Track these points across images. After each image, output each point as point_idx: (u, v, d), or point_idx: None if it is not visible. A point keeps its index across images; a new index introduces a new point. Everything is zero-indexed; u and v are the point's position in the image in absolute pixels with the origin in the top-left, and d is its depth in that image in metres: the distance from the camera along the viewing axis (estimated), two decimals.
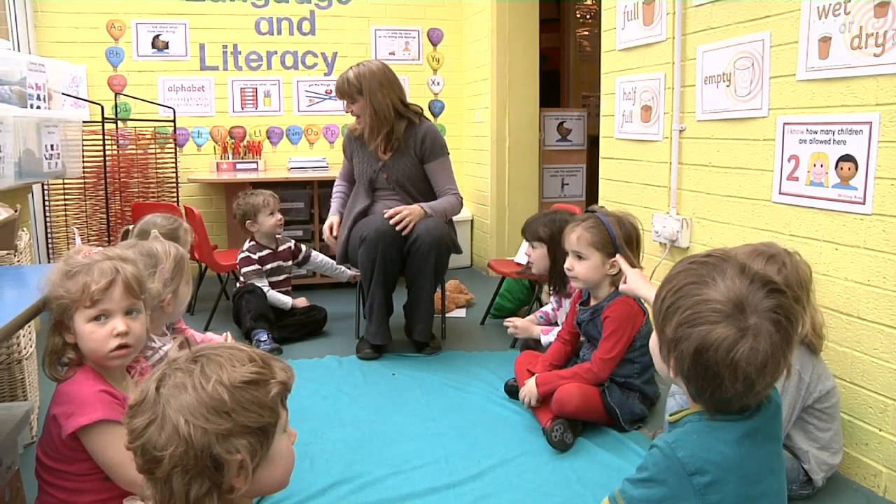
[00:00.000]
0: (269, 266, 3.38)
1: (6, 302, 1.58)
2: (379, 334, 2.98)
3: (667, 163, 2.75)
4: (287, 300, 3.35)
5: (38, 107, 3.04)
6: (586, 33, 6.12)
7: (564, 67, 6.23)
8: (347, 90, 3.01)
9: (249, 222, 3.37)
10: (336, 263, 3.50)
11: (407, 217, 2.89)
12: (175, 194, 4.36)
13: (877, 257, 1.89)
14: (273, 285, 3.36)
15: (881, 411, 1.90)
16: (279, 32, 4.71)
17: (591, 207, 2.42)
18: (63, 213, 3.88)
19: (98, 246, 2.00)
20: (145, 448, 0.93)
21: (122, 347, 1.42)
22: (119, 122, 4.23)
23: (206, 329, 3.25)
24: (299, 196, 4.25)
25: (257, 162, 4.61)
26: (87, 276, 1.40)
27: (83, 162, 3.54)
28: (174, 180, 4.38)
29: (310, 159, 4.59)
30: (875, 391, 1.92)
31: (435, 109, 5.04)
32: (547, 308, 2.88)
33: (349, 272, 3.64)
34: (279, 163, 4.76)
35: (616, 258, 2.18)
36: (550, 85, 5.70)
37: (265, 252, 3.38)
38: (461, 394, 2.61)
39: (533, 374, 2.36)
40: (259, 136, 4.75)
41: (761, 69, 2.23)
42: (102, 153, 3.75)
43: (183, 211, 3.64)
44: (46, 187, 3.84)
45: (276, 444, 1.00)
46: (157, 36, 4.52)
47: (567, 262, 2.32)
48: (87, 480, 1.42)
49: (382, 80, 2.99)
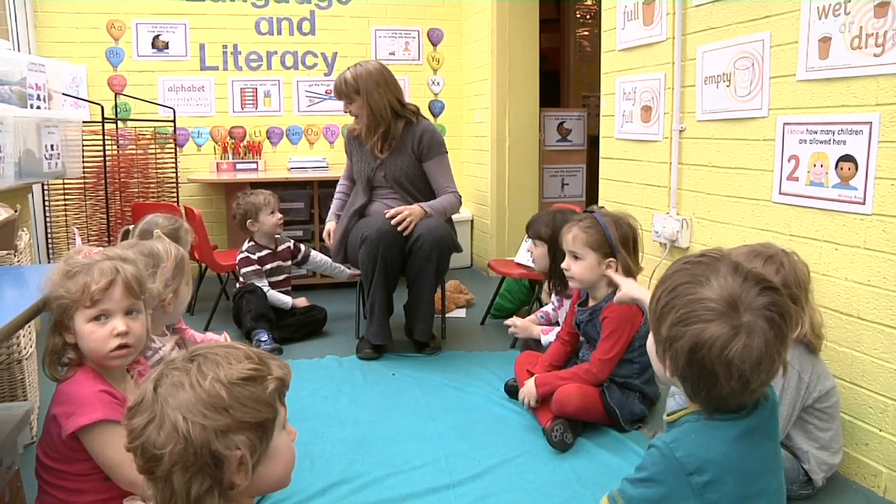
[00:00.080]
0: (269, 266, 3.39)
1: (6, 302, 1.58)
2: (379, 334, 2.98)
3: (667, 163, 2.75)
4: (287, 300, 3.35)
5: (38, 107, 3.04)
6: (586, 33, 6.11)
7: (564, 67, 6.22)
8: (345, 90, 3.03)
9: (250, 221, 3.37)
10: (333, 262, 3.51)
11: (408, 217, 2.89)
12: (175, 194, 4.36)
13: (877, 257, 1.89)
14: (273, 285, 3.36)
15: (881, 411, 1.90)
16: (279, 32, 4.71)
17: (591, 207, 2.42)
18: (63, 214, 3.88)
19: (98, 246, 2.01)
20: (145, 447, 0.94)
21: (123, 347, 1.43)
22: (119, 123, 4.23)
23: (206, 329, 3.26)
24: (299, 196, 4.25)
25: (257, 162, 4.61)
26: (88, 276, 1.41)
27: (83, 162, 3.54)
28: (174, 180, 4.38)
29: (310, 159, 4.58)
30: (875, 391, 1.92)
31: (435, 109, 5.04)
32: (547, 308, 2.88)
33: (348, 271, 3.64)
34: (279, 163, 4.76)
35: (608, 271, 2.18)
36: (550, 85, 5.70)
37: (264, 252, 3.38)
38: (461, 394, 2.61)
39: (533, 375, 2.36)
40: (259, 137, 4.75)
41: (761, 69, 2.23)
42: (102, 153, 3.75)
43: (183, 211, 3.64)
44: (46, 187, 3.84)
45: (276, 441, 1.00)
46: (157, 36, 4.52)
47: (564, 262, 2.32)
48: (87, 480, 1.42)
49: (379, 80, 3.01)
